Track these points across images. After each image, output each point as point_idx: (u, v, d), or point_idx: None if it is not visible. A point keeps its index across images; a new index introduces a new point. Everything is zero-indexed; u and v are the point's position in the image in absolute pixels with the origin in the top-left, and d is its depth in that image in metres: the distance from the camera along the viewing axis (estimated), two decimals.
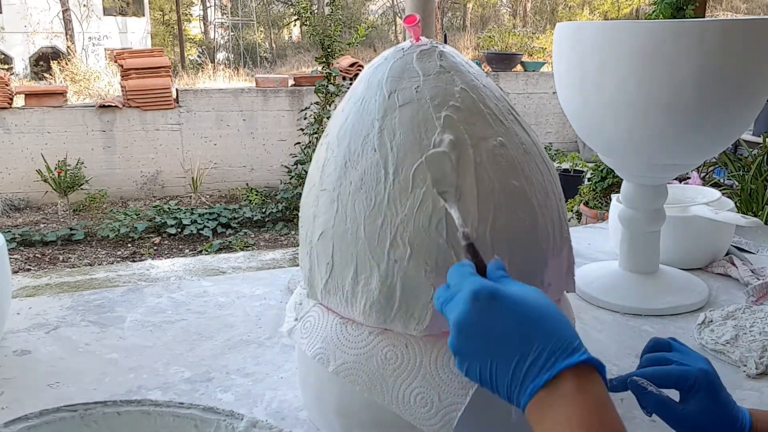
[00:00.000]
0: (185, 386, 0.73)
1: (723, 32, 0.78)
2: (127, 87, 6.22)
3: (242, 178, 6.61)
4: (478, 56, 9.79)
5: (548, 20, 16.84)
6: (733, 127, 0.86)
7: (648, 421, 0.66)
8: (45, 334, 0.86)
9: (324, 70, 5.74)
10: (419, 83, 0.56)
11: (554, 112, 7.53)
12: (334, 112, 0.63)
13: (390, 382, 0.54)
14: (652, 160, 0.90)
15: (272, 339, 0.85)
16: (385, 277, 0.53)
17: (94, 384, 0.73)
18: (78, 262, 4.59)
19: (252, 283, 1.05)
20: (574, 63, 0.87)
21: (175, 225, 5.19)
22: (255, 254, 1.24)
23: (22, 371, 0.76)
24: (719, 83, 0.80)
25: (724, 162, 3.86)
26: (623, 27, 0.82)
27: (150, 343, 0.84)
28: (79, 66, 8.88)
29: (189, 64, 15.78)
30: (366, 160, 0.55)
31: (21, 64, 15.63)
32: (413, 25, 0.59)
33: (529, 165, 0.57)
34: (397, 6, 18.93)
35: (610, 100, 0.84)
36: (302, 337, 0.61)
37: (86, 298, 0.98)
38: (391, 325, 0.54)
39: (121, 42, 16.75)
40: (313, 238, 0.58)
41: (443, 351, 0.54)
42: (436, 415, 0.53)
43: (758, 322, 0.84)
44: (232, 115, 6.56)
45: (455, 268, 0.46)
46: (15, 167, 5.98)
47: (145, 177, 6.36)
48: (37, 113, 6.00)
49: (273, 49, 19.38)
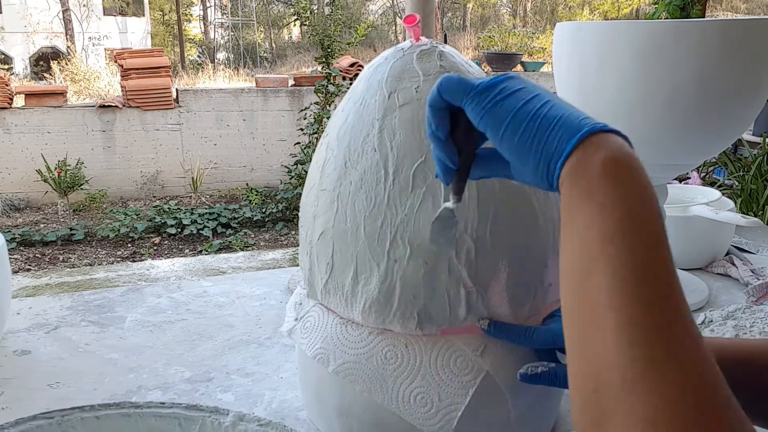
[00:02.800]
0: (185, 386, 0.73)
1: (723, 32, 0.78)
2: (127, 87, 6.22)
3: (242, 178, 6.61)
4: (478, 56, 9.80)
5: (548, 20, 16.84)
6: (733, 127, 0.86)
7: None
8: (45, 334, 0.86)
9: (324, 70, 5.74)
10: (419, 83, 0.56)
11: None
12: (334, 112, 0.63)
13: (390, 382, 0.54)
14: (651, 160, 0.90)
15: (272, 339, 0.85)
16: (384, 277, 0.53)
17: (93, 384, 0.73)
18: (78, 262, 4.59)
19: (252, 283, 1.05)
20: (574, 63, 0.87)
21: (175, 225, 5.19)
22: (255, 254, 1.24)
23: (22, 371, 0.76)
24: (719, 83, 0.80)
25: (724, 162, 3.86)
26: (623, 27, 0.82)
27: (150, 343, 0.84)
28: (79, 66, 8.89)
29: (189, 64, 15.79)
30: (366, 160, 0.55)
31: (21, 64, 15.64)
32: (413, 25, 0.59)
33: None
34: (397, 6, 18.93)
35: (610, 100, 0.84)
36: (302, 337, 0.61)
37: (86, 298, 0.98)
38: (390, 325, 0.54)
39: (121, 42, 16.75)
40: (313, 238, 0.58)
41: (443, 351, 0.54)
42: (436, 415, 0.53)
43: (758, 322, 0.84)
44: (232, 115, 6.56)
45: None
46: (15, 167, 5.99)
47: (145, 177, 6.36)
48: (37, 113, 6.00)
49: (273, 49, 19.39)
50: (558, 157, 0.36)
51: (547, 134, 0.37)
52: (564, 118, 0.37)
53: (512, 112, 0.39)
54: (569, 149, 0.36)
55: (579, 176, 0.35)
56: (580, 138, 0.36)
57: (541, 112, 0.38)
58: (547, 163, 0.37)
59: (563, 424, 0.65)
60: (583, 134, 0.36)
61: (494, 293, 0.53)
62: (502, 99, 0.40)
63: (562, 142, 0.36)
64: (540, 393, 0.58)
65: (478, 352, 0.53)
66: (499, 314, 0.54)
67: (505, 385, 0.54)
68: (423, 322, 0.53)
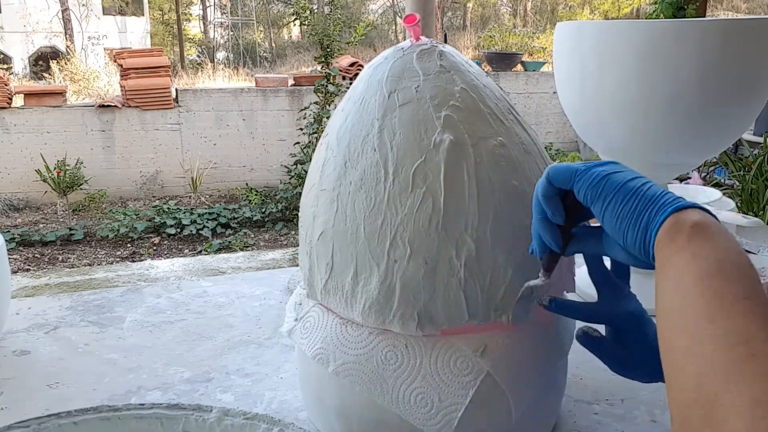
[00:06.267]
0: (185, 386, 0.73)
1: (723, 32, 0.78)
2: (126, 87, 6.21)
3: (242, 178, 6.61)
4: (478, 56, 9.80)
5: (548, 20, 16.84)
6: (733, 126, 0.86)
7: (648, 421, 0.66)
8: (44, 334, 0.86)
9: (323, 69, 5.74)
10: (419, 83, 0.56)
11: (554, 112, 7.53)
12: (334, 111, 0.63)
13: (390, 383, 0.54)
14: (652, 159, 0.90)
15: (272, 339, 0.85)
16: (384, 277, 0.53)
17: (93, 384, 0.73)
18: (77, 262, 4.59)
19: (252, 283, 1.05)
20: (575, 63, 0.87)
21: (175, 225, 5.19)
22: (255, 254, 1.24)
23: (21, 372, 0.76)
24: (719, 83, 0.80)
25: (724, 162, 3.86)
26: (623, 27, 0.82)
27: (149, 343, 0.84)
28: (78, 66, 8.88)
29: (188, 64, 15.78)
30: (366, 159, 0.55)
31: (20, 64, 15.62)
32: (413, 25, 0.59)
33: (529, 165, 0.57)
34: (397, 6, 18.93)
35: (610, 99, 0.84)
36: (302, 338, 0.61)
37: (86, 298, 0.98)
38: (390, 325, 0.54)
39: (121, 42, 16.74)
40: (312, 238, 0.58)
41: (443, 351, 0.54)
42: (437, 416, 0.53)
43: None
44: (232, 114, 6.56)
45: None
46: (14, 167, 5.98)
47: (144, 177, 6.36)
48: (37, 113, 6.00)
49: (273, 49, 19.38)
50: (656, 224, 0.43)
51: (648, 206, 0.44)
52: (661, 194, 0.44)
53: (618, 186, 0.46)
54: (665, 215, 0.42)
55: (672, 236, 0.41)
56: (675, 209, 0.42)
57: (642, 189, 0.45)
58: (645, 230, 0.43)
59: (563, 424, 0.65)
60: (677, 206, 0.42)
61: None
62: (609, 175, 0.46)
63: (660, 212, 0.43)
64: (541, 393, 0.58)
65: (478, 353, 0.53)
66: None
67: (505, 385, 0.54)
68: (423, 323, 0.53)
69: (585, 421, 0.66)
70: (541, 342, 0.57)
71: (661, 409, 0.67)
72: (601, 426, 0.65)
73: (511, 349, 0.54)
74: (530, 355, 0.56)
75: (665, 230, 0.42)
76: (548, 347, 0.59)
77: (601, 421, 0.66)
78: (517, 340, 0.55)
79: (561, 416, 0.66)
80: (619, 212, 0.45)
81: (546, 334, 0.58)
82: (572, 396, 0.69)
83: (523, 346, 0.55)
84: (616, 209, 0.45)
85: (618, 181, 0.46)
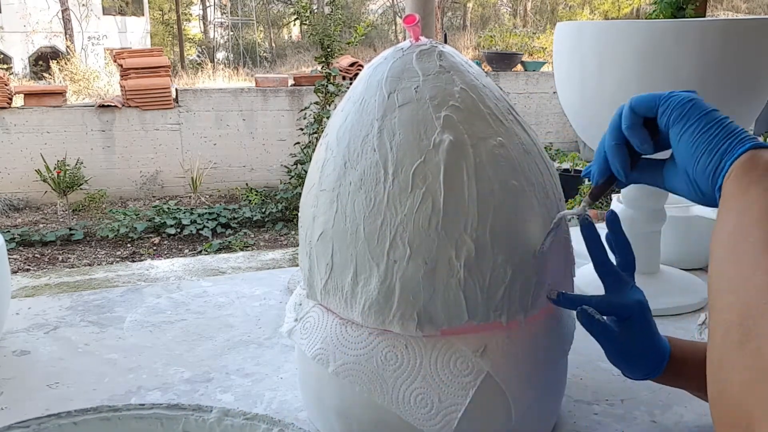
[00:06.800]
0: (185, 387, 0.73)
1: (723, 32, 0.78)
2: (126, 87, 6.22)
3: (242, 178, 6.61)
4: (478, 56, 9.80)
5: (548, 20, 16.83)
6: None
7: (648, 421, 0.66)
8: (44, 334, 0.86)
9: (324, 69, 5.74)
10: (419, 83, 0.56)
11: (554, 112, 7.53)
12: (334, 112, 0.63)
13: (390, 383, 0.54)
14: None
15: (272, 339, 0.85)
16: (384, 277, 0.53)
17: (93, 384, 0.73)
18: (77, 262, 4.59)
19: (252, 283, 1.05)
20: (575, 63, 0.87)
21: (175, 225, 5.19)
22: (255, 254, 1.24)
23: (21, 372, 0.76)
24: (719, 83, 0.80)
25: None
26: (623, 27, 0.82)
27: (149, 343, 0.84)
28: (78, 66, 8.88)
29: (188, 64, 15.78)
30: (365, 160, 0.55)
31: (20, 64, 15.63)
32: (413, 25, 0.59)
33: (529, 165, 0.57)
34: (397, 6, 18.93)
35: (610, 99, 0.84)
36: (302, 338, 0.61)
37: (85, 298, 0.98)
38: (389, 325, 0.54)
39: (121, 42, 16.74)
40: (312, 238, 0.58)
41: (443, 352, 0.54)
42: (437, 416, 0.53)
43: None
44: (232, 114, 6.56)
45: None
46: (14, 167, 5.99)
47: (144, 177, 6.36)
48: (37, 113, 6.00)
49: (273, 49, 19.38)
50: (733, 154, 0.44)
51: (728, 137, 0.45)
52: (742, 131, 0.46)
53: (702, 112, 0.47)
54: (744, 149, 0.44)
55: (747, 170, 0.43)
56: (753, 146, 0.44)
57: (725, 121, 0.47)
58: (720, 158, 0.45)
59: (563, 424, 0.65)
60: (756, 144, 0.44)
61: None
62: (694, 100, 0.48)
63: (739, 145, 0.44)
64: (541, 393, 0.58)
65: (478, 353, 0.53)
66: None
67: (505, 385, 0.54)
68: (423, 323, 0.53)
69: (585, 421, 0.66)
70: (541, 342, 0.57)
71: (661, 409, 0.67)
72: (601, 426, 0.65)
73: (511, 349, 0.54)
74: (530, 356, 0.56)
75: (741, 162, 0.43)
76: (548, 347, 0.59)
77: (601, 421, 0.66)
78: (517, 341, 0.55)
79: (561, 416, 0.66)
80: (699, 137, 0.47)
81: (546, 335, 0.58)
82: (572, 396, 0.69)
83: (523, 347, 0.55)
84: (696, 133, 0.47)
85: (703, 108, 0.48)
